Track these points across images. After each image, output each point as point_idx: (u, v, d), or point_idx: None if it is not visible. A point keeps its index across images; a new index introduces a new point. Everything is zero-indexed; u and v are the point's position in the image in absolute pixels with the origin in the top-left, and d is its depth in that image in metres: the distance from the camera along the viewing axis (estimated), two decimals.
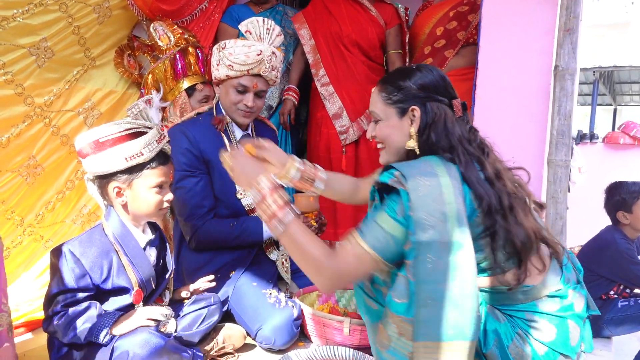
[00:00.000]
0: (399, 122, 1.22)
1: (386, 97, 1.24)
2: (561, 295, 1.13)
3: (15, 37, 1.70)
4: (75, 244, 1.30)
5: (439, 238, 1.01)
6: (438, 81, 1.22)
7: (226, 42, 1.79)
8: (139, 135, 1.31)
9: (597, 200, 2.61)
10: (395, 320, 1.05)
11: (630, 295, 2.41)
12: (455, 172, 1.09)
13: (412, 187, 1.05)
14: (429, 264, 1.01)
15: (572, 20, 1.72)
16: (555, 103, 1.75)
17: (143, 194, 1.35)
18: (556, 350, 1.10)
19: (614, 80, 8.43)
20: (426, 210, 1.03)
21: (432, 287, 1.00)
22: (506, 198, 1.09)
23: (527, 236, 1.08)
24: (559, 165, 1.75)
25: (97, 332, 1.26)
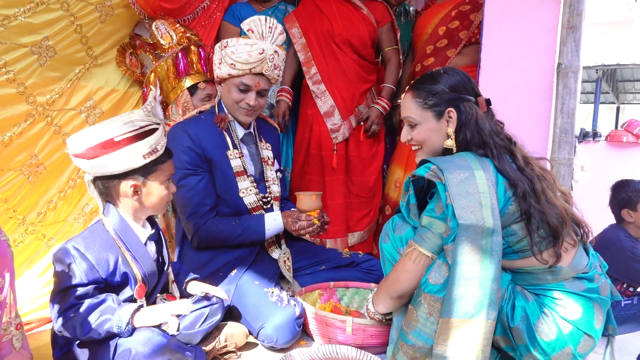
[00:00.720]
0: (437, 124, 1.32)
1: (422, 102, 1.33)
2: (588, 277, 1.20)
3: (17, 36, 1.70)
4: (78, 240, 1.30)
5: (475, 222, 1.11)
6: (465, 81, 1.33)
7: (228, 41, 1.79)
8: (152, 132, 1.31)
9: (600, 198, 2.59)
10: (427, 299, 1.14)
11: (633, 294, 2.40)
12: (489, 165, 1.19)
13: (449, 178, 1.15)
14: (466, 245, 1.10)
15: (575, 17, 1.71)
16: (558, 101, 1.75)
17: (157, 189, 1.37)
18: (580, 329, 1.16)
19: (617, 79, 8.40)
20: (463, 197, 1.13)
21: (466, 267, 1.10)
22: (537, 182, 1.18)
23: (560, 215, 1.17)
24: (562, 163, 1.74)
25: (119, 323, 1.24)
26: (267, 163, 2.00)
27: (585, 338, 1.16)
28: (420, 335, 1.15)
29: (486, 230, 1.10)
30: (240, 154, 1.90)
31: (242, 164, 1.89)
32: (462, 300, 1.08)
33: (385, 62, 2.67)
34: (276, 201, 2.00)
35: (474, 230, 1.10)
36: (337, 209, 2.57)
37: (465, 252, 1.10)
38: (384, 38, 2.63)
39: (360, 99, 2.61)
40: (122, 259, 1.33)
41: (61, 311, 1.25)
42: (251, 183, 1.91)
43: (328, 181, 2.58)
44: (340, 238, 2.59)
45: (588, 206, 3.06)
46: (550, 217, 1.15)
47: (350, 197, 2.63)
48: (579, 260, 1.21)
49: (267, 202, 1.96)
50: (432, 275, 1.15)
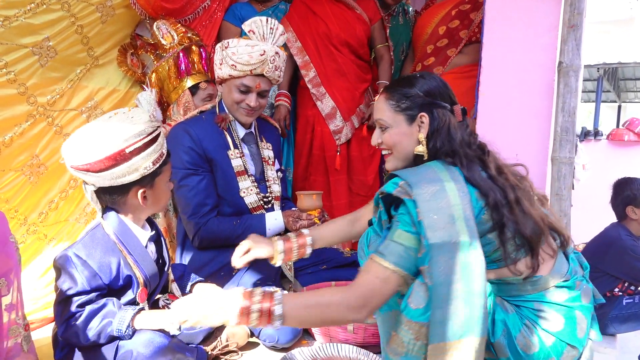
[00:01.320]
0: (409, 128, 1.27)
1: (394, 104, 1.28)
2: (569, 285, 1.16)
3: (18, 37, 1.70)
4: (79, 247, 1.29)
5: (449, 239, 1.05)
6: (441, 88, 1.27)
7: (229, 42, 1.79)
8: (157, 137, 1.31)
9: (602, 197, 2.59)
10: (412, 326, 1.07)
11: (634, 293, 2.40)
12: (458, 174, 1.14)
13: (418, 194, 1.09)
14: (442, 264, 1.04)
15: (576, 16, 1.71)
16: (559, 100, 1.74)
17: (162, 191, 1.37)
18: (563, 341, 1.12)
19: (619, 77, 8.39)
20: (434, 213, 1.07)
21: (447, 288, 1.03)
22: (511, 191, 1.13)
23: (535, 225, 1.12)
24: (563, 162, 1.74)
25: (119, 326, 1.24)
26: (267, 163, 2.00)
27: (568, 349, 1.12)
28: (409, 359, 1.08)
29: (462, 244, 1.05)
30: (241, 153, 1.90)
31: (242, 164, 1.89)
32: (450, 322, 1.02)
33: (378, 59, 2.69)
34: (277, 201, 2.00)
35: (448, 248, 1.04)
36: (342, 208, 2.58)
37: (443, 272, 1.04)
38: (376, 35, 2.64)
39: (360, 99, 2.62)
40: (124, 263, 1.33)
41: (64, 319, 1.26)
42: (252, 183, 1.91)
43: (332, 181, 2.59)
44: None
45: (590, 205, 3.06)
46: (524, 227, 1.11)
47: (351, 196, 2.64)
48: (559, 269, 1.17)
49: (268, 202, 1.96)
50: (412, 300, 1.07)
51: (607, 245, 2.39)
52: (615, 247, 2.35)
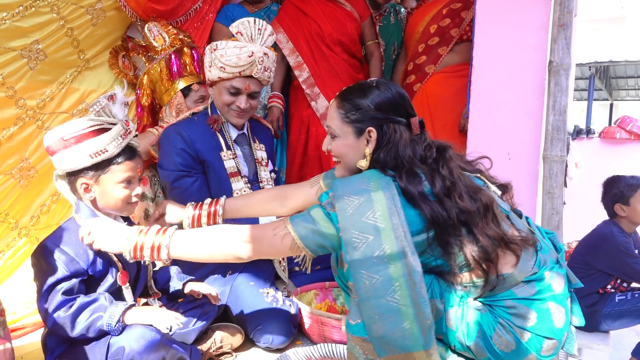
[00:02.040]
0: (356, 141, 1.23)
1: (344, 114, 1.24)
2: (537, 278, 1.13)
3: (6, 40, 1.69)
4: (53, 236, 1.32)
5: (371, 253, 1.03)
6: (396, 100, 1.22)
7: (217, 44, 1.78)
8: (103, 131, 1.31)
9: (594, 195, 2.61)
10: (356, 341, 1.07)
11: (627, 289, 2.41)
12: (392, 184, 1.10)
13: (340, 208, 1.07)
14: (366, 280, 1.02)
15: (566, 15, 1.72)
16: (550, 98, 1.75)
17: (111, 189, 1.35)
18: (540, 335, 1.10)
19: (610, 75, 8.44)
20: (356, 228, 1.05)
21: (375, 302, 1.02)
22: (455, 214, 1.08)
23: (483, 251, 1.08)
24: (555, 160, 1.75)
25: (109, 320, 1.24)
26: (260, 164, 2.00)
27: (546, 342, 1.10)
28: None
29: (390, 256, 1.01)
30: (233, 155, 1.89)
31: (235, 165, 1.89)
32: (389, 337, 1.00)
33: (368, 56, 2.69)
34: None
35: (371, 262, 1.01)
36: None
37: (369, 288, 1.01)
38: (366, 32, 2.65)
39: None
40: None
41: (52, 310, 1.24)
42: (245, 184, 1.90)
43: None
44: None
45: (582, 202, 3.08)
46: (470, 252, 1.08)
47: None
48: (525, 263, 1.13)
49: None
50: (350, 316, 1.06)
51: (600, 242, 2.41)
52: (607, 244, 2.37)
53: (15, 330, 1.75)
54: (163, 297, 1.58)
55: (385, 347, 1.02)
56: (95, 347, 1.25)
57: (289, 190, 1.56)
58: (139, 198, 1.41)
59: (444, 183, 1.11)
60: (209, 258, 1.21)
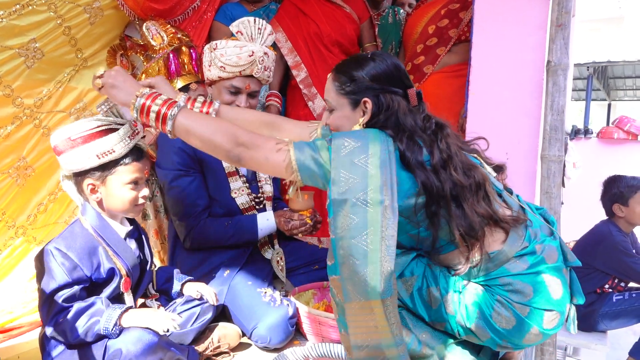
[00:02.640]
0: (352, 113, 1.25)
1: (339, 87, 1.25)
2: (528, 252, 1.13)
3: (3, 39, 1.68)
4: (58, 240, 1.30)
5: (354, 195, 1.04)
6: (392, 71, 1.22)
7: (217, 43, 1.78)
8: (111, 132, 1.31)
9: (592, 195, 2.62)
10: (334, 283, 1.07)
11: (624, 289, 2.42)
12: (391, 143, 1.12)
13: (336, 146, 1.09)
14: (343, 219, 1.04)
15: (564, 15, 1.72)
16: (548, 98, 1.76)
17: (117, 190, 1.35)
18: (539, 308, 1.10)
19: (608, 75, 8.45)
20: (345, 169, 1.06)
21: (347, 242, 1.03)
22: (449, 187, 1.09)
23: (470, 227, 1.09)
24: (553, 160, 1.75)
25: (106, 324, 1.24)
26: None
27: (547, 314, 1.09)
28: (341, 320, 1.08)
29: (371, 201, 1.02)
30: None
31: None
32: (355, 280, 1.01)
33: None
34: (269, 201, 2.00)
35: (352, 203, 1.03)
36: None
37: (344, 227, 1.02)
38: (364, 34, 2.65)
39: None
40: (105, 255, 1.33)
41: (51, 316, 1.24)
42: (243, 183, 1.90)
43: None
44: None
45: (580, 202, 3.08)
46: (457, 227, 1.08)
47: None
48: (515, 240, 1.13)
49: (260, 202, 1.96)
50: (328, 256, 1.07)
51: (598, 241, 2.41)
52: (605, 243, 2.38)
53: (12, 329, 1.74)
54: (162, 298, 1.58)
55: (350, 291, 1.03)
56: (93, 350, 1.25)
57: (284, 123, 1.53)
58: (145, 200, 1.41)
59: (442, 155, 1.12)
60: (204, 142, 1.18)
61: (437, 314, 1.17)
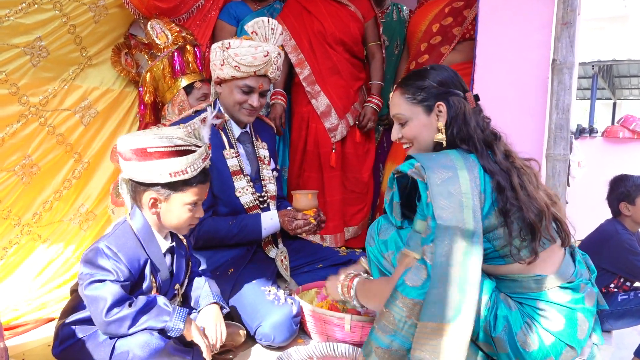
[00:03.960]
0: (427, 119, 1.31)
1: (411, 97, 1.32)
2: (573, 287, 1.17)
3: (9, 37, 1.69)
4: (110, 239, 1.31)
5: (455, 223, 1.08)
6: (453, 77, 1.32)
7: (230, 42, 1.77)
8: (188, 153, 1.31)
9: (597, 194, 2.60)
10: (405, 302, 1.09)
11: (630, 289, 2.41)
12: (475, 164, 1.17)
13: (431, 177, 1.12)
14: (446, 246, 1.07)
15: (570, 13, 1.71)
16: (553, 97, 1.75)
17: (177, 209, 1.35)
18: (562, 341, 1.13)
19: (613, 74, 8.40)
20: (444, 197, 1.10)
21: (445, 270, 1.06)
22: (515, 175, 1.16)
23: (539, 208, 1.14)
24: (558, 159, 1.74)
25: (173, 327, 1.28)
26: (263, 162, 2.00)
27: (567, 349, 1.13)
28: (396, 338, 1.09)
29: (466, 232, 1.07)
30: (236, 153, 1.89)
31: (238, 163, 1.89)
32: (442, 304, 1.04)
33: (369, 57, 2.68)
34: (273, 200, 2.00)
35: (453, 232, 1.07)
36: (336, 205, 2.59)
37: (445, 254, 1.07)
38: (369, 33, 2.64)
39: (354, 97, 2.62)
40: (144, 264, 1.34)
41: (109, 306, 1.23)
42: (247, 182, 1.90)
43: (326, 178, 2.59)
44: (339, 233, 2.61)
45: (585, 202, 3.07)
46: (528, 211, 1.12)
47: (345, 193, 2.65)
48: (565, 269, 1.18)
49: (264, 202, 1.96)
50: (409, 277, 1.10)
51: (604, 240, 2.40)
52: (612, 241, 2.36)
53: (17, 327, 1.75)
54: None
55: (432, 313, 1.05)
56: (100, 348, 1.26)
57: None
58: (198, 221, 1.42)
59: (505, 148, 1.23)
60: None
61: None
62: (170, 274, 1.45)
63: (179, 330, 1.29)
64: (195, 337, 1.34)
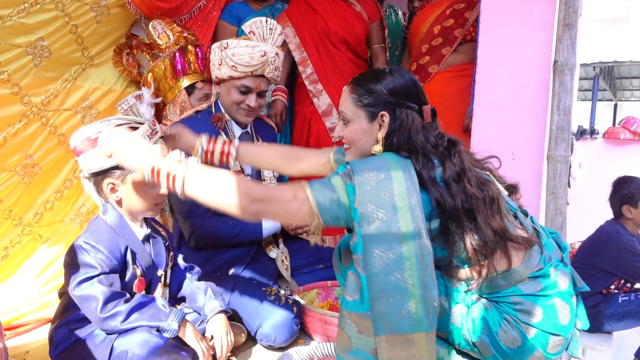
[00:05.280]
0: (368, 126, 1.23)
1: (357, 99, 1.24)
2: (542, 274, 1.13)
3: (11, 37, 1.69)
4: (87, 235, 1.32)
5: (387, 229, 1.02)
6: (409, 86, 1.23)
7: (228, 42, 1.77)
8: (130, 130, 1.31)
9: (598, 195, 2.60)
10: (352, 318, 1.06)
11: (630, 290, 2.41)
12: (411, 166, 1.10)
13: (359, 181, 1.07)
14: (377, 255, 1.02)
15: (571, 15, 1.71)
16: (555, 98, 1.75)
17: (136, 190, 1.35)
18: (546, 331, 1.10)
19: (615, 76, 8.40)
20: (373, 203, 1.04)
21: (384, 279, 1.01)
22: (461, 201, 1.08)
23: (484, 242, 1.07)
24: (559, 160, 1.74)
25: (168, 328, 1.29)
26: None
27: (552, 338, 1.10)
28: (359, 354, 1.05)
29: (404, 234, 1.01)
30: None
31: (239, 164, 1.89)
32: (394, 314, 1.00)
33: (373, 59, 2.69)
34: None
35: (385, 239, 1.01)
36: None
37: (378, 263, 1.01)
38: (373, 35, 2.64)
39: None
40: (125, 253, 1.35)
41: (103, 303, 1.24)
42: None
43: None
44: (339, 234, 2.61)
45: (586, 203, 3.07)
46: (470, 240, 1.07)
47: None
48: (530, 258, 1.13)
49: None
50: (347, 292, 1.06)
51: (605, 241, 2.40)
52: (613, 243, 2.36)
53: (19, 326, 1.75)
54: (170, 299, 1.58)
55: (386, 326, 1.01)
56: (99, 348, 1.26)
57: (300, 152, 1.56)
58: (164, 199, 1.42)
59: (454, 169, 1.11)
60: (215, 203, 1.14)
61: (442, 324, 1.15)
62: (154, 262, 1.45)
63: (174, 331, 1.29)
64: (190, 340, 1.34)
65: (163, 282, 1.49)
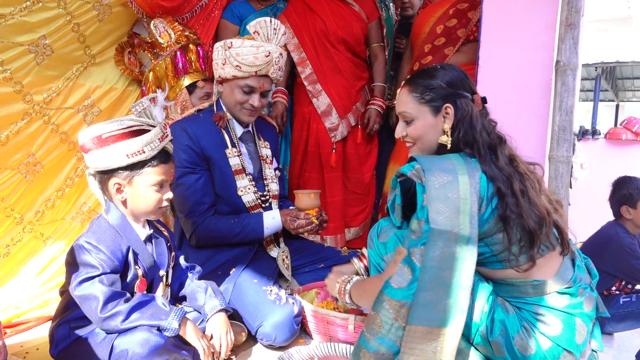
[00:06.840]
0: (434, 120, 1.29)
1: (419, 97, 1.30)
2: (571, 292, 1.16)
3: (14, 35, 1.69)
4: (88, 235, 1.32)
5: (450, 228, 1.07)
6: (463, 78, 1.30)
7: (232, 42, 1.77)
8: (142, 133, 1.32)
9: (600, 196, 2.59)
10: (392, 304, 1.08)
11: (632, 291, 2.40)
12: (477, 169, 1.15)
13: (429, 180, 1.11)
14: (437, 250, 1.06)
15: (574, 15, 1.71)
16: (557, 99, 1.74)
17: (143, 191, 1.35)
18: (560, 346, 1.12)
19: (617, 76, 8.38)
20: (441, 201, 1.09)
21: (436, 273, 1.05)
22: (517, 181, 1.14)
23: (539, 216, 1.13)
24: (560, 161, 1.74)
25: (168, 327, 1.29)
26: (265, 161, 2.00)
27: (565, 354, 1.12)
28: (384, 342, 1.08)
29: (461, 237, 1.07)
30: (238, 152, 1.90)
31: (240, 163, 1.89)
32: (432, 308, 1.04)
33: (372, 58, 2.68)
34: (275, 199, 2.00)
35: (447, 237, 1.06)
36: (337, 205, 2.59)
37: (436, 258, 1.06)
38: (372, 34, 2.64)
39: (356, 97, 2.62)
40: (127, 253, 1.35)
41: (103, 302, 1.24)
42: (250, 181, 1.90)
43: (327, 178, 2.58)
44: (340, 234, 2.61)
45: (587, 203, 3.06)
46: (528, 219, 1.11)
47: (347, 194, 2.64)
48: (563, 274, 1.17)
49: (266, 201, 1.96)
50: (394, 279, 1.09)
51: (605, 243, 2.39)
52: (613, 245, 2.35)
53: (20, 324, 1.76)
54: (171, 299, 1.59)
55: (421, 316, 1.05)
56: (99, 347, 1.26)
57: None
58: (169, 202, 1.42)
59: (509, 153, 1.21)
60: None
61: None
62: (155, 263, 1.46)
63: (174, 330, 1.29)
64: (191, 338, 1.34)
65: (165, 282, 1.49)
